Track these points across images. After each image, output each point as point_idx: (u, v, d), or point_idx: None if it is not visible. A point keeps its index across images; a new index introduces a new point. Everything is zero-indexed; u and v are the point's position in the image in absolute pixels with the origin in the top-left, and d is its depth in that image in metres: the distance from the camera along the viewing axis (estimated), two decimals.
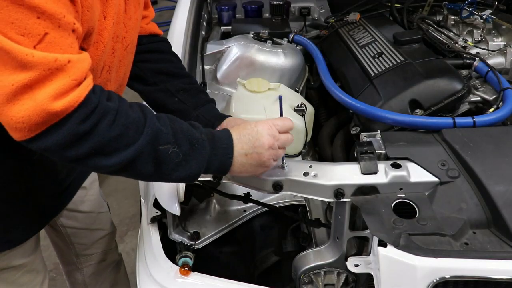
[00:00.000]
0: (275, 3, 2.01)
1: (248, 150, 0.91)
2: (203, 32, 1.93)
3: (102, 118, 0.75)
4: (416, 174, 0.98)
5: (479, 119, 1.12)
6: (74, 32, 0.74)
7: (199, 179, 1.07)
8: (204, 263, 1.18)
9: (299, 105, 1.38)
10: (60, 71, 0.70)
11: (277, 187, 1.00)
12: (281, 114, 1.02)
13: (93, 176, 1.50)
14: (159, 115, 0.85)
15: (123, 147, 0.77)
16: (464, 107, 1.27)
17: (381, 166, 0.98)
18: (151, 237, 1.17)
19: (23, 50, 0.67)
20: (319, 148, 1.52)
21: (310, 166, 1.01)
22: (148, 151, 0.79)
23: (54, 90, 0.69)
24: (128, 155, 0.77)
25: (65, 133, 0.72)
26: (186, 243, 1.17)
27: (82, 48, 0.83)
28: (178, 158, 0.82)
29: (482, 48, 1.59)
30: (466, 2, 1.75)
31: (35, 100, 0.69)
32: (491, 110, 1.19)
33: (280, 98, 1.01)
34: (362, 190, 0.96)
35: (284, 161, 1.01)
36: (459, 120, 1.12)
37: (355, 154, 1.03)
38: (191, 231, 1.21)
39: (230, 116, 1.21)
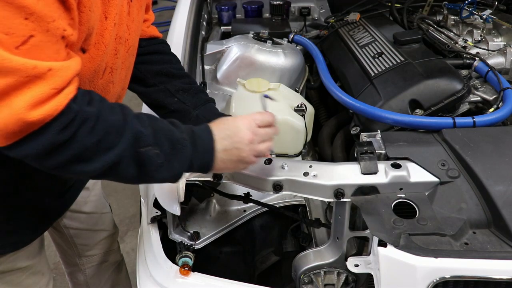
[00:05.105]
0: (275, 3, 2.01)
1: (227, 145, 0.89)
2: (203, 32, 1.93)
3: (81, 125, 0.72)
4: (416, 174, 0.98)
5: (479, 119, 1.12)
6: (63, 39, 0.71)
7: (199, 179, 1.08)
8: (204, 263, 1.18)
9: (299, 105, 1.38)
10: (39, 79, 0.67)
11: (277, 187, 0.99)
12: (264, 110, 1.02)
13: None
14: (139, 115, 0.83)
15: (104, 152, 0.75)
16: (464, 107, 1.27)
17: (381, 166, 0.98)
18: (151, 237, 1.17)
19: (1, 54, 0.64)
20: (319, 148, 1.52)
21: (310, 166, 1.01)
22: (130, 154, 0.78)
23: (31, 99, 0.66)
24: (109, 160, 0.76)
25: (44, 142, 0.70)
26: (186, 243, 1.17)
27: (82, 49, 0.83)
28: (160, 159, 0.81)
29: (482, 48, 1.59)
30: (466, 2, 1.75)
31: (12, 108, 0.66)
32: (491, 110, 1.19)
33: (266, 96, 1.03)
34: (362, 190, 0.96)
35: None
36: (459, 120, 1.12)
37: (355, 154, 1.03)
38: (191, 231, 1.21)
39: (230, 116, 1.21)
